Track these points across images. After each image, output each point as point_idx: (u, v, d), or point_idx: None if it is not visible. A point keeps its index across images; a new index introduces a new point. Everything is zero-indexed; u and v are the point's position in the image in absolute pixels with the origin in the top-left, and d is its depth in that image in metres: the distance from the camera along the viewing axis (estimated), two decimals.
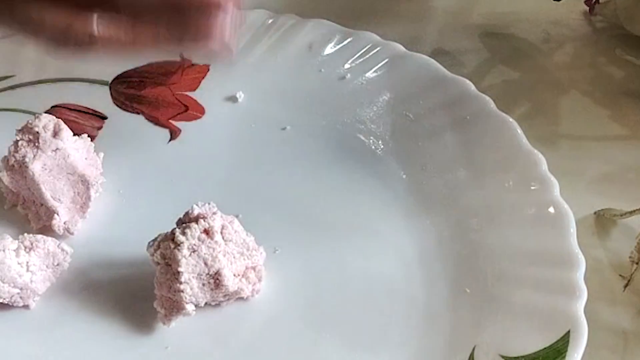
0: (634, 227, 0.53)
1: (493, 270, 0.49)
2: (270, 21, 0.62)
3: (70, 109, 0.59)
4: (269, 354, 0.47)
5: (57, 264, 0.49)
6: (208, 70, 0.61)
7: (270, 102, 0.59)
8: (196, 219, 0.47)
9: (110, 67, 0.61)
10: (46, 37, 0.44)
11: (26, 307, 0.49)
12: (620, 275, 0.51)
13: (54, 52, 0.44)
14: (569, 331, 0.45)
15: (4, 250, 0.47)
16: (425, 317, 0.48)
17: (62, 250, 0.49)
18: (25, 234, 0.49)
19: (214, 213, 0.48)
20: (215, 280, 0.47)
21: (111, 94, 0.60)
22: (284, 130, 0.58)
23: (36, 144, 0.51)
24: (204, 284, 0.47)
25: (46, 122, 0.52)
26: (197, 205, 0.48)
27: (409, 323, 0.48)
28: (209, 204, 0.48)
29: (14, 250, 0.48)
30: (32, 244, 0.48)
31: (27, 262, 0.48)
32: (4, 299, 0.48)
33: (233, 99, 0.60)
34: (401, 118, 0.57)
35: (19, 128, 0.52)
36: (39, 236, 0.49)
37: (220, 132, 0.58)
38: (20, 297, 0.48)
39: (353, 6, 0.70)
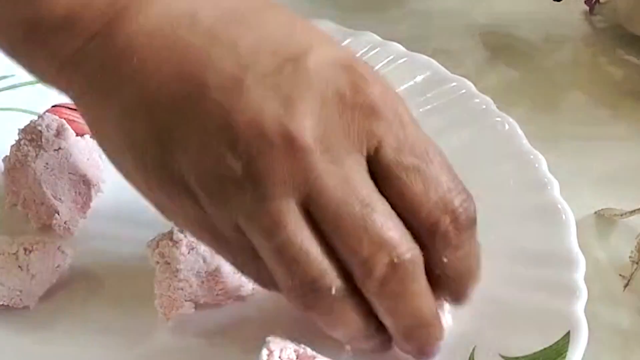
0: (634, 227, 0.53)
1: (493, 270, 0.49)
2: None
3: (70, 109, 0.59)
4: None
5: (57, 266, 0.49)
6: None
7: None
8: None
9: None
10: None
11: (26, 307, 0.49)
12: (620, 275, 0.51)
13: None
14: (569, 331, 0.45)
15: (3, 254, 0.47)
16: None
17: (62, 252, 0.49)
18: (25, 236, 0.49)
19: None
20: (214, 277, 0.47)
21: None
22: None
23: (39, 143, 0.51)
24: (203, 282, 0.47)
25: (49, 122, 0.52)
26: None
27: None
28: None
29: (14, 254, 0.48)
30: (31, 247, 0.48)
31: (27, 265, 0.48)
32: (4, 301, 0.48)
33: None
34: None
35: (22, 127, 0.52)
36: (39, 238, 0.49)
37: None
38: (20, 299, 0.48)
39: (353, 6, 0.70)
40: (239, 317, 0.49)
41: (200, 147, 0.39)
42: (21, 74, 0.60)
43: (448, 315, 0.47)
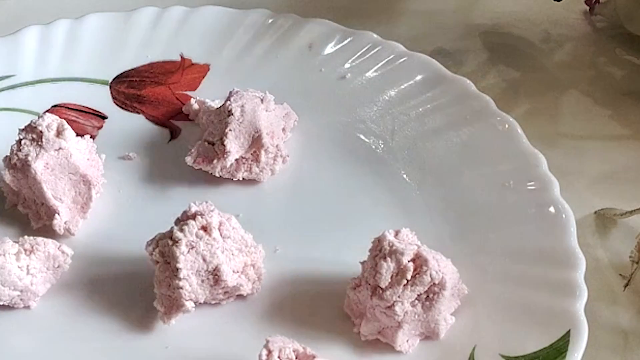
0: (634, 227, 0.53)
1: (493, 269, 0.49)
2: (270, 21, 0.62)
3: (71, 109, 0.59)
4: None
5: (58, 266, 0.49)
6: (208, 70, 0.61)
7: None
8: (194, 217, 0.47)
9: (110, 66, 0.61)
10: None
11: (27, 307, 0.49)
12: (620, 275, 0.51)
13: None
14: (569, 331, 0.45)
15: (4, 255, 0.47)
16: None
17: (63, 252, 0.49)
18: (26, 237, 0.49)
19: (212, 211, 0.48)
20: (214, 276, 0.47)
21: (111, 93, 0.60)
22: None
23: (39, 143, 0.51)
24: (203, 281, 0.47)
25: (50, 122, 0.52)
26: (194, 203, 0.48)
27: None
28: (206, 202, 0.48)
29: (14, 254, 0.48)
30: (32, 247, 0.48)
31: (28, 266, 0.48)
32: (5, 301, 0.48)
33: None
34: (401, 118, 0.57)
35: (22, 127, 0.52)
36: (40, 239, 0.49)
37: None
38: (21, 299, 0.48)
39: (353, 6, 0.70)
40: (239, 317, 0.49)
41: None
42: (21, 74, 0.60)
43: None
